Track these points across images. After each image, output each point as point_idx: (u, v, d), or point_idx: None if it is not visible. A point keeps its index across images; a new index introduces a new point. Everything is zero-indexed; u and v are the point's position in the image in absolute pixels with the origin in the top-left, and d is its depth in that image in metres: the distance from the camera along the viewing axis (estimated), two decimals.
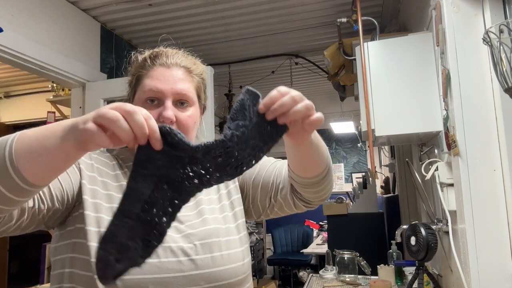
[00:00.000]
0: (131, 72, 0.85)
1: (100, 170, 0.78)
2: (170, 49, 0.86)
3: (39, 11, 2.18)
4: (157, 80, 0.78)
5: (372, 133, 1.70)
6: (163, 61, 0.81)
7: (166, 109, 0.77)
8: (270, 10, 2.61)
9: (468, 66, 1.35)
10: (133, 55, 0.87)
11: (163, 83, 0.78)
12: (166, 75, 0.79)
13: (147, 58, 0.83)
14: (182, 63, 0.83)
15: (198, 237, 0.76)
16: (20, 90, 3.99)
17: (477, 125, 1.32)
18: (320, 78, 3.90)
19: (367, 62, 1.75)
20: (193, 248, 0.74)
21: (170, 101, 0.78)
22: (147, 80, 0.79)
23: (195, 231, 0.77)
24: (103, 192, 0.75)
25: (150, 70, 0.81)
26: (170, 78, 0.79)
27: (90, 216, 0.70)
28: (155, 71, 0.80)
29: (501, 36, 1.03)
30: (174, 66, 0.81)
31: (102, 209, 0.72)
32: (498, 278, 1.26)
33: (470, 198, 1.30)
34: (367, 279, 2.08)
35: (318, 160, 0.74)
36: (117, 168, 0.81)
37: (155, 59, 0.82)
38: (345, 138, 5.94)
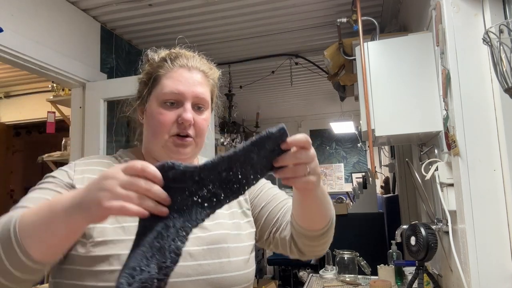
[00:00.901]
0: (146, 71, 0.84)
1: None
2: (187, 51, 0.86)
3: (39, 11, 2.18)
4: (178, 82, 0.79)
5: (372, 133, 1.70)
6: (183, 62, 0.81)
7: (186, 111, 0.78)
8: (270, 10, 2.61)
9: (468, 66, 1.35)
10: (148, 53, 0.86)
11: (184, 85, 0.79)
12: (186, 77, 0.80)
13: (166, 58, 0.82)
14: (201, 67, 0.83)
15: (207, 241, 0.76)
16: (20, 90, 3.99)
17: (477, 125, 1.32)
18: (320, 78, 3.90)
19: (367, 62, 1.75)
20: (201, 252, 0.74)
21: (190, 104, 0.79)
22: (167, 81, 0.79)
23: (205, 235, 0.76)
24: None
25: (170, 71, 0.80)
26: (190, 81, 0.80)
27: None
28: (176, 72, 0.80)
29: (501, 36, 1.03)
30: (194, 69, 0.81)
31: None
32: (498, 278, 1.26)
33: (470, 198, 1.30)
34: (367, 279, 2.08)
35: (320, 216, 0.75)
36: None
37: (175, 60, 0.81)
38: (345, 138, 5.94)
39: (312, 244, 0.79)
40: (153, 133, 0.80)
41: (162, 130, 0.78)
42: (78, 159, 0.85)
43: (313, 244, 0.80)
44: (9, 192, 4.43)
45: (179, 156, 0.81)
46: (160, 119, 0.78)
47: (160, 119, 0.78)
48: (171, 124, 0.78)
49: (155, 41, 3.05)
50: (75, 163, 0.81)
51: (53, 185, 0.74)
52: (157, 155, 0.82)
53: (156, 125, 0.79)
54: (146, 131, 0.83)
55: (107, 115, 2.55)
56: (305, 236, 0.78)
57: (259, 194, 0.91)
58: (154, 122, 0.79)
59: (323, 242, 0.80)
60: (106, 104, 2.54)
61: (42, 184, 0.75)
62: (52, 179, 0.76)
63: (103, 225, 0.71)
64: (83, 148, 2.50)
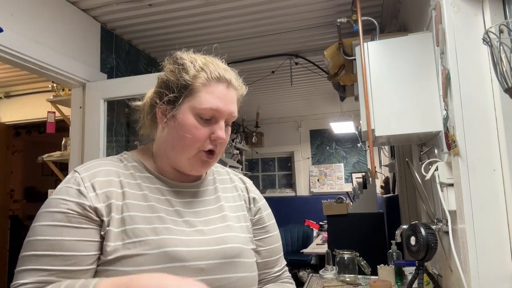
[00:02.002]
0: (181, 77, 0.79)
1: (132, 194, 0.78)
2: (221, 63, 0.84)
3: (39, 11, 2.18)
4: (218, 99, 0.78)
5: (372, 133, 1.70)
6: (221, 77, 0.79)
7: (221, 129, 0.79)
8: (270, 10, 2.61)
9: (468, 66, 1.35)
10: (182, 57, 0.82)
11: (223, 102, 0.78)
12: (225, 94, 0.79)
13: (204, 69, 0.79)
14: (235, 83, 0.83)
15: (222, 255, 0.77)
16: (20, 90, 3.99)
17: (477, 125, 1.32)
18: (320, 78, 3.90)
19: (367, 62, 1.75)
20: (217, 266, 0.75)
21: (223, 122, 0.80)
22: (207, 96, 0.77)
23: (220, 247, 0.77)
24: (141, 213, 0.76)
25: (209, 85, 0.78)
26: (228, 98, 0.79)
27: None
28: (216, 88, 0.78)
29: (501, 36, 1.03)
30: (231, 86, 0.81)
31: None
32: (498, 278, 1.26)
33: (470, 198, 1.30)
34: (367, 279, 2.08)
35: None
36: (143, 187, 0.80)
37: (213, 73, 0.79)
38: (345, 138, 5.94)
39: None
40: (183, 145, 0.79)
41: (194, 144, 0.78)
42: (79, 166, 0.79)
43: None
44: (9, 192, 4.42)
45: (202, 171, 0.84)
46: (195, 133, 0.77)
47: (195, 133, 0.77)
48: (204, 139, 0.78)
49: (155, 41, 3.05)
50: (82, 177, 0.75)
51: (73, 218, 0.71)
52: (178, 164, 0.82)
53: (189, 138, 0.78)
54: (172, 138, 0.80)
55: (107, 115, 2.55)
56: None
57: (262, 237, 0.92)
58: (187, 134, 0.78)
59: None
60: (106, 104, 2.54)
61: (57, 215, 0.71)
62: (66, 209, 0.71)
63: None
64: (83, 148, 2.50)
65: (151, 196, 0.78)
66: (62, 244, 0.69)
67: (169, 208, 0.79)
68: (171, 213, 0.78)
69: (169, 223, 0.75)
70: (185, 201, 0.82)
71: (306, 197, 6.06)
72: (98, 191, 0.74)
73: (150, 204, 0.77)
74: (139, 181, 0.80)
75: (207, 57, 0.84)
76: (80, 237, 0.70)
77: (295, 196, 6.16)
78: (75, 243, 0.70)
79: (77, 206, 0.71)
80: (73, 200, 0.72)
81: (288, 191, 6.32)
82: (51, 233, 0.69)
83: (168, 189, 0.82)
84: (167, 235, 0.73)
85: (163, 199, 0.80)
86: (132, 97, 0.91)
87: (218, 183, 0.92)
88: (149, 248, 0.70)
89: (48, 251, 0.68)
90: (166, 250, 0.71)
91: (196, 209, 0.82)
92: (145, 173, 0.82)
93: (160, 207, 0.78)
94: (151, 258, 0.70)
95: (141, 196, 0.77)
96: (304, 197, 6.08)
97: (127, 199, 0.75)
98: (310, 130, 6.14)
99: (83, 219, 0.71)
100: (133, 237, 0.71)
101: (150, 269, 0.69)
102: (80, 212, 0.71)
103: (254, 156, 6.32)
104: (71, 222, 0.71)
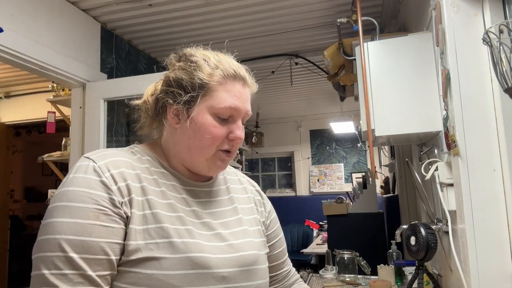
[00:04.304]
0: (193, 76, 0.75)
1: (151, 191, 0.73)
2: (233, 60, 0.82)
3: (39, 11, 2.18)
4: (236, 98, 0.76)
5: (372, 133, 1.70)
6: (237, 74, 0.78)
7: (240, 129, 0.77)
8: (270, 10, 2.61)
9: (468, 66, 1.35)
10: (194, 54, 0.79)
11: (241, 101, 0.77)
12: (242, 93, 0.78)
13: (220, 68, 0.76)
14: (249, 81, 0.81)
15: (241, 263, 0.75)
16: (20, 90, 4.00)
17: (477, 125, 1.32)
18: (320, 78, 3.90)
19: (367, 62, 1.75)
20: (237, 274, 0.73)
21: (241, 120, 0.78)
22: (225, 94, 0.75)
23: (238, 254, 0.75)
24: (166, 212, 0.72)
25: (226, 84, 0.76)
26: (244, 97, 0.78)
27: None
28: (233, 86, 0.76)
29: (501, 36, 1.03)
30: (246, 84, 0.79)
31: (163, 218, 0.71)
32: (498, 278, 1.26)
33: (470, 198, 1.30)
34: (367, 279, 2.08)
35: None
36: (160, 183, 0.76)
37: (228, 71, 0.77)
38: (345, 138, 5.94)
39: None
40: (201, 146, 0.75)
41: (213, 144, 0.75)
42: (90, 153, 0.72)
43: None
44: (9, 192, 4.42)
45: (219, 171, 0.82)
46: (214, 133, 0.75)
47: (214, 133, 0.75)
48: (223, 139, 0.76)
49: (155, 41, 3.05)
50: (99, 166, 0.68)
51: (102, 215, 0.65)
52: (194, 165, 0.78)
53: (207, 138, 0.75)
54: (188, 139, 0.76)
55: (107, 115, 2.55)
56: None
57: (273, 241, 0.93)
58: (206, 135, 0.75)
59: None
60: (106, 104, 2.54)
61: (82, 210, 0.64)
62: (93, 203, 0.64)
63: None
64: (83, 148, 2.50)
65: (169, 193, 0.74)
66: (92, 246, 0.62)
67: (187, 208, 0.75)
68: (189, 213, 0.74)
69: (189, 225, 0.72)
70: (201, 201, 0.79)
71: (306, 197, 6.06)
72: (119, 183, 0.68)
73: (170, 203, 0.73)
74: (156, 177, 0.75)
75: (219, 53, 0.82)
76: (110, 238, 0.64)
77: (295, 196, 6.16)
78: (109, 245, 0.64)
79: (105, 201, 0.65)
80: (99, 193, 0.65)
81: (288, 191, 6.32)
82: (80, 231, 0.62)
83: (183, 187, 0.78)
84: (189, 238, 0.70)
85: (180, 197, 0.76)
86: (132, 97, 0.89)
87: (229, 183, 0.90)
88: (173, 252, 0.67)
89: (78, 253, 0.61)
90: (190, 256, 0.68)
91: (212, 210, 0.80)
92: (160, 168, 0.78)
93: (179, 206, 0.74)
94: (175, 262, 0.66)
95: (160, 193, 0.73)
96: (304, 197, 6.08)
97: (148, 195, 0.70)
98: (310, 130, 6.14)
99: (113, 216, 0.65)
100: (157, 237, 0.67)
101: (174, 274, 0.66)
102: (110, 208, 0.65)
103: (254, 156, 6.32)
104: (99, 219, 0.64)
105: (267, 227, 0.92)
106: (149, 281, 0.64)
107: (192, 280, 0.67)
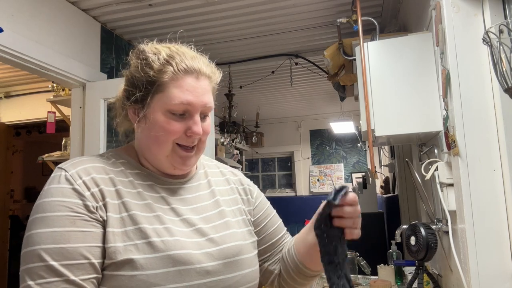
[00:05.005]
0: (145, 73, 0.75)
1: (126, 193, 0.73)
2: (187, 49, 0.80)
3: (39, 11, 2.18)
4: (188, 92, 0.73)
5: (372, 133, 1.70)
6: (190, 67, 0.75)
7: (196, 124, 0.75)
8: (270, 10, 2.61)
9: (468, 66, 1.35)
10: (145, 51, 0.78)
11: (194, 95, 0.74)
12: (195, 86, 0.74)
13: (170, 61, 0.75)
14: (207, 72, 0.78)
15: (224, 255, 0.75)
16: (20, 90, 3.99)
17: (477, 125, 1.32)
18: (320, 78, 3.90)
19: (367, 62, 1.75)
20: (220, 268, 0.73)
21: (198, 115, 0.76)
22: (175, 90, 0.73)
23: (219, 248, 0.75)
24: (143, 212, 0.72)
25: (177, 79, 0.73)
26: (199, 90, 0.75)
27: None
28: (184, 81, 0.74)
29: (501, 36, 1.03)
30: (201, 76, 0.76)
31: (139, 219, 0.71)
32: (498, 278, 1.26)
33: (470, 198, 1.30)
34: (367, 279, 2.08)
35: None
36: (136, 185, 0.76)
37: (179, 64, 0.74)
38: (345, 138, 5.94)
39: (303, 282, 0.89)
40: (158, 143, 0.75)
41: (167, 140, 0.74)
42: (63, 163, 0.73)
43: (302, 283, 0.89)
44: (9, 192, 4.42)
45: (186, 168, 0.79)
46: (167, 130, 0.73)
47: (167, 129, 0.73)
48: (179, 134, 0.74)
49: None
50: (71, 174, 0.69)
51: (78, 221, 0.65)
52: (158, 164, 0.78)
53: (161, 135, 0.74)
54: (147, 138, 0.77)
55: (107, 115, 2.55)
56: (303, 275, 0.86)
57: (265, 222, 0.92)
58: (159, 133, 0.74)
59: (309, 283, 0.90)
60: (106, 104, 2.54)
61: (58, 219, 0.65)
62: (68, 211, 0.66)
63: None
64: (83, 148, 2.50)
65: (146, 194, 0.74)
66: (71, 251, 0.63)
67: (166, 206, 0.75)
68: (168, 211, 0.74)
69: (168, 223, 0.72)
70: (181, 198, 0.79)
71: (306, 197, 6.06)
72: (92, 189, 0.69)
73: (147, 203, 0.73)
74: (131, 178, 0.75)
75: (172, 46, 0.79)
76: (89, 242, 0.65)
77: (295, 196, 6.16)
78: (88, 249, 0.65)
79: (79, 207, 0.66)
80: (72, 201, 0.66)
81: (288, 191, 6.32)
82: (57, 239, 0.63)
83: (161, 186, 0.78)
84: (169, 236, 0.70)
85: (158, 196, 0.76)
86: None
87: (210, 176, 0.88)
88: (152, 251, 0.67)
89: (58, 261, 0.62)
90: (170, 253, 0.68)
91: (193, 205, 0.79)
92: (135, 170, 0.78)
93: (157, 205, 0.74)
94: (156, 261, 0.66)
95: (136, 194, 0.73)
96: (304, 197, 6.08)
97: (124, 198, 0.71)
98: (310, 130, 6.14)
99: (91, 221, 0.66)
100: (135, 239, 0.67)
101: (156, 273, 0.66)
102: (86, 213, 0.66)
103: (254, 156, 6.32)
104: (76, 225, 0.65)
105: (255, 208, 0.91)
106: (132, 282, 0.65)
107: (174, 277, 0.67)
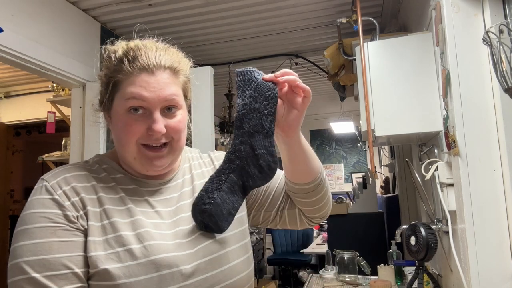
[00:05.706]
0: (105, 73, 0.74)
1: (107, 199, 0.71)
2: (148, 43, 0.76)
3: (39, 11, 2.18)
4: (141, 88, 0.69)
5: (372, 133, 1.70)
6: (144, 63, 0.70)
7: (155, 121, 0.69)
8: (270, 10, 2.61)
9: (468, 66, 1.35)
10: (105, 49, 0.76)
11: (149, 91, 0.69)
12: (150, 81, 0.69)
13: (123, 60, 0.71)
14: (166, 63, 0.72)
15: (206, 253, 0.72)
16: (20, 90, 4.00)
17: (477, 125, 1.32)
18: (320, 78, 3.90)
19: (367, 62, 1.75)
20: (203, 267, 0.70)
21: (158, 111, 0.70)
22: (129, 88, 0.69)
23: (203, 245, 0.72)
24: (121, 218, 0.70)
25: (130, 76, 0.70)
26: (155, 85, 0.69)
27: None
28: (137, 77, 0.69)
29: (501, 36, 1.03)
30: (158, 70, 0.71)
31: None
32: (498, 278, 1.26)
33: (470, 198, 1.30)
34: (367, 279, 2.08)
35: (310, 165, 0.79)
36: (119, 190, 0.73)
37: (134, 62, 0.70)
38: (345, 138, 5.94)
39: (312, 200, 0.82)
40: (121, 144, 0.72)
41: (129, 140, 0.70)
42: (46, 174, 0.72)
43: (313, 200, 0.82)
44: (9, 192, 4.42)
45: (157, 168, 0.74)
46: (126, 130, 0.70)
47: (126, 129, 0.70)
48: (140, 134, 0.70)
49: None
50: (51, 185, 0.68)
51: (59, 231, 0.64)
52: (130, 166, 0.75)
53: (122, 136, 0.71)
54: (116, 141, 0.74)
55: None
56: (301, 192, 0.81)
57: (263, 188, 0.88)
58: (120, 132, 0.71)
59: (322, 195, 0.83)
60: None
61: (39, 231, 0.64)
62: (48, 222, 0.64)
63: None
64: (83, 148, 2.51)
65: (128, 199, 0.72)
66: (53, 262, 0.62)
67: (149, 209, 0.73)
68: (151, 215, 0.72)
69: (149, 227, 0.69)
70: (165, 199, 0.76)
71: None
72: (72, 199, 0.67)
73: (128, 207, 0.71)
74: (114, 183, 0.73)
75: (131, 42, 0.76)
76: (71, 252, 0.64)
77: None
78: (70, 258, 0.63)
79: (59, 217, 0.65)
80: (52, 211, 0.65)
81: None
82: (38, 251, 0.62)
83: (144, 189, 0.75)
84: (150, 241, 0.67)
85: (141, 200, 0.73)
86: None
87: (194, 170, 0.85)
88: (134, 258, 0.65)
89: (40, 272, 0.61)
90: (152, 258, 0.66)
91: (175, 205, 0.76)
92: (118, 174, 0.75)
93: (139, 209, 0.71)
94: (138, 268, 0.65)
95: (118, 200, 0.71)
96: None
97: (105, 205, 0.69)
98: (310, 130, 6.14)
99: (72, 231, 0.65)
100: (116, 246, 0.66)
101: (139, 280, 0.64)
102: (66, 223, 0.65)
103: None
104: (56, 235, 0.64)
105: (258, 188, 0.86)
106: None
107: (158, 283, 0.65)
